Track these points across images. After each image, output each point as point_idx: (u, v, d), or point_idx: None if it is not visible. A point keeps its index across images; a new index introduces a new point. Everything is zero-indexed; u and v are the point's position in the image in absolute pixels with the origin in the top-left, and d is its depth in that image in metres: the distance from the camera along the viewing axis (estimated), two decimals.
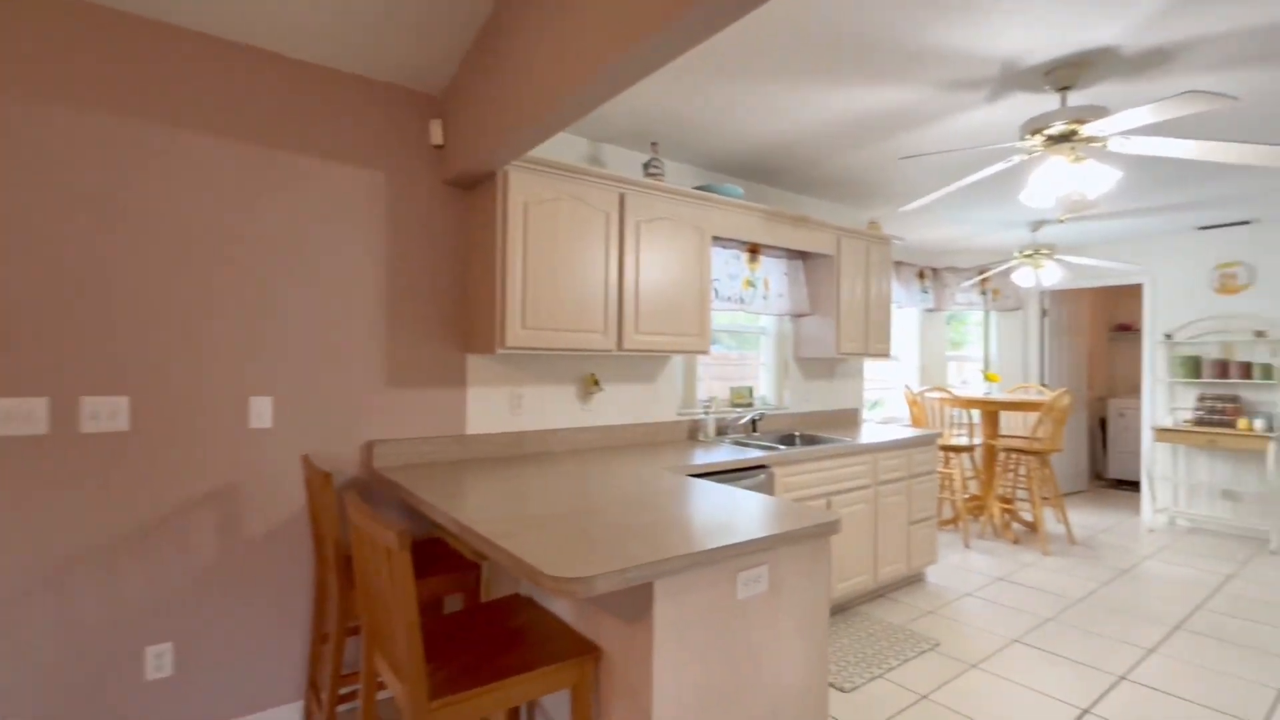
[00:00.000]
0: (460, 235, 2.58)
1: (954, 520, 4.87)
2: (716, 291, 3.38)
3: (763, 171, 3.50)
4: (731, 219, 3.13)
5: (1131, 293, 7.04)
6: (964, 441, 4.63)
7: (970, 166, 3.22)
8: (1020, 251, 4.59)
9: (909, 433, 3.60)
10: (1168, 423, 4.88)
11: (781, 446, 3.01)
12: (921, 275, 5.72)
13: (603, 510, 1.71)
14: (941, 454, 4.82)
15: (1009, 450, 4.54)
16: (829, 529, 1.62)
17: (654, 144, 2.94)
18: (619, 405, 3.08)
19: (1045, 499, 4.27)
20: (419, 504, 1.87)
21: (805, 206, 4.05)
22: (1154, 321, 5.19)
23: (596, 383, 2.93)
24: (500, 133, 2.02)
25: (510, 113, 1.95)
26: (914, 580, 3.70)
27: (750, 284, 3.56)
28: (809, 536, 1.57)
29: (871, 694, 2.44)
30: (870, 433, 3.64)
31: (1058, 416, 4.41)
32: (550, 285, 2.45)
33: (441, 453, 2.52)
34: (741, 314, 3.82)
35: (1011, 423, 5.46)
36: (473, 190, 2.54)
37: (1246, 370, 4.64)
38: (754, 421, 3.54)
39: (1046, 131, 2.15)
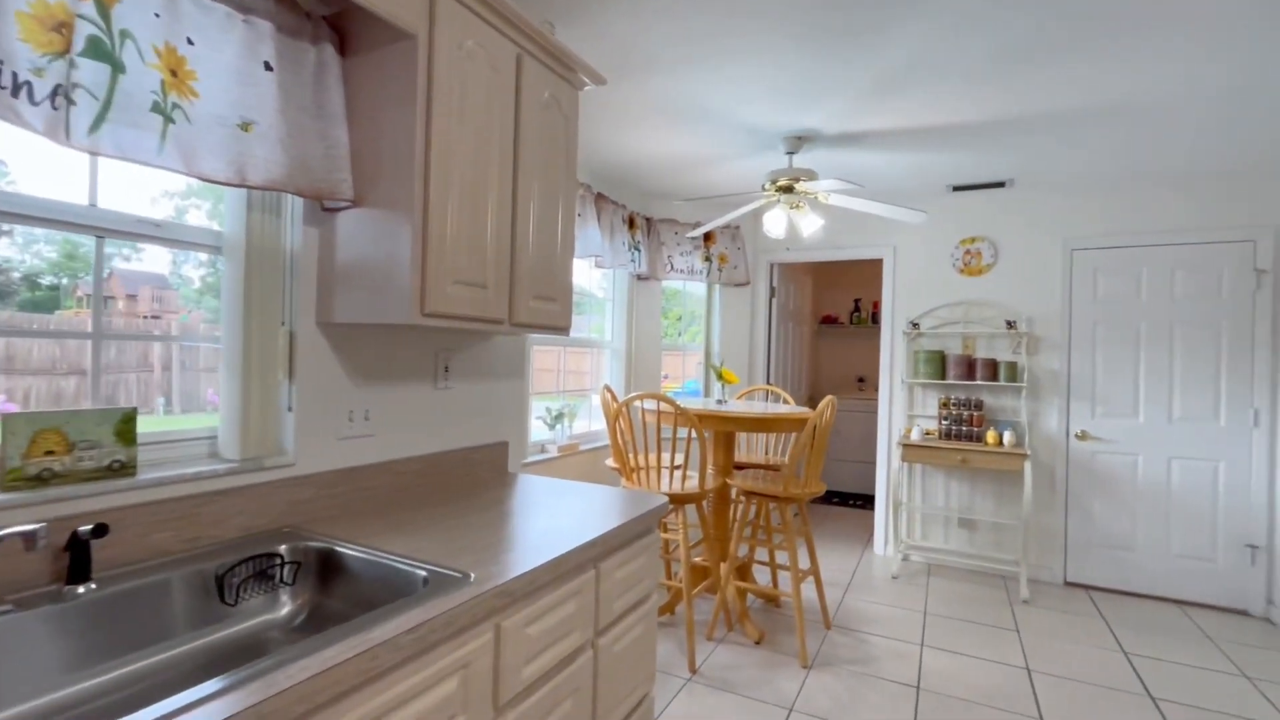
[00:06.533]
0: None
1: (670, 606, 3.01)
2: None
3: None
4: None
5: (836, 279, 6.36)
6: (692, 485, 2.76)
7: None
8: (772, 182, 2.90)
9: (607, 507, 1.46)
10: (914, 435, 3.80)
11: None
12: (632, 224, 3.82)
13: None
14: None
15: (752, 495, 2.83)
16: None
17: None
18: None
19: (803, 570, 2.73)
20: None
21: None
22: (894, 307, 4.13)
23: None
24: None
25: None
26: None
27: (103, 51, 0.98)
28: None
29: None
30: (521, 518, 1.39)
31: (819, 440, 2.82)
32: None
33: None
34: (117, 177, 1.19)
35: (745, 445, 3.93)
36: None
37: (993, 369, 3.75)
38: (82, 543, 0.98)
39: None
